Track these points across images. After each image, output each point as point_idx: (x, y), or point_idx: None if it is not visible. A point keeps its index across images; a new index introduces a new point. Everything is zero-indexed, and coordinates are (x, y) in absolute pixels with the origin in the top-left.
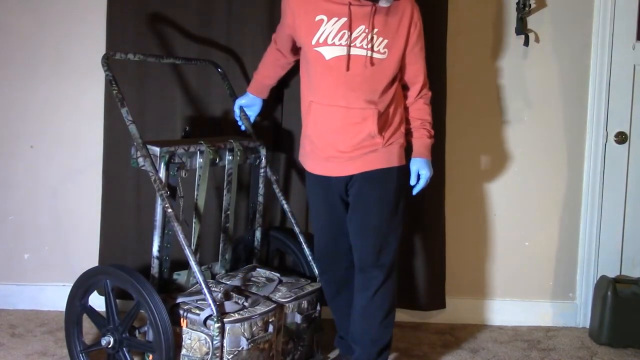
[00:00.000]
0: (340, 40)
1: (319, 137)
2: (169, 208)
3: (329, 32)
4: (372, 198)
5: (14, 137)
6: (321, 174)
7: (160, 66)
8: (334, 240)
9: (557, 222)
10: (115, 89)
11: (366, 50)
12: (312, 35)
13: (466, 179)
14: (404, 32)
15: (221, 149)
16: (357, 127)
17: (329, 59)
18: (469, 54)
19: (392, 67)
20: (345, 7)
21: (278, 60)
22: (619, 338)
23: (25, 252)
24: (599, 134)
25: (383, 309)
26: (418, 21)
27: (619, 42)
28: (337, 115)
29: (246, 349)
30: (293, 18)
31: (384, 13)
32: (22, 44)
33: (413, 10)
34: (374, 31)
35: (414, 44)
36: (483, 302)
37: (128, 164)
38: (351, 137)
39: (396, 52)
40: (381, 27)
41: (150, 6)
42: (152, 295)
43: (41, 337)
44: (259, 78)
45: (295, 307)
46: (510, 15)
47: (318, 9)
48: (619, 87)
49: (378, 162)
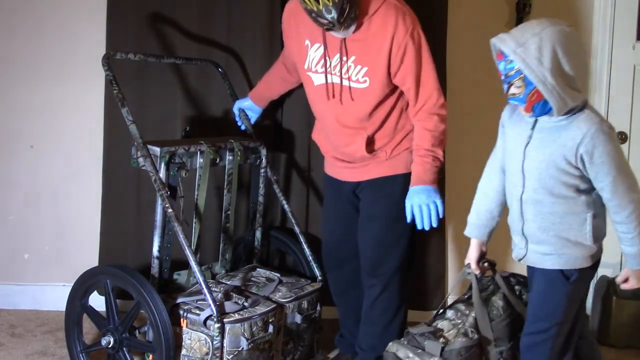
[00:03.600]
0: (322, 67)
1: (325, 149)
2: (169, 208)
3: (312, 57)
4: (375, 205)
5: (14, 137)
6: (332, 175)
7: (160, 66)
8: (340, 241)
9: None
10: (116, 89)
11: (343, 80)
12: (303, 60)
13: (466, 178)
14: (384, 58)
15: (221, 149)
16: (350, 147)
17: (316, 86)
18: (469, 54)
19: (376, 94)
20: (321, 33)
21: (282, 73)
22: (619, 338)
23: (25, 252)
24: None
25: (384, 318)
26: (405, 40)
27: (619, 42)
28: (332, 135)
29: (246, 349)
30: (287, 39)
31: (360, 39)
32: (23, 44)
33: (396, 31)
34: (350, 59)
35: (397, 66)
36: None
37: (128, 164)
38: (348, 155)
39: (379, 80)
40: (359, 54)
41: (150, 6)
42: (152, 295)
43: (41, 337)
44: (261, 87)
45: (295, 307)
46: (510, 15)
47: (305, 33)
48: (619, 87)
49: (383, 170)
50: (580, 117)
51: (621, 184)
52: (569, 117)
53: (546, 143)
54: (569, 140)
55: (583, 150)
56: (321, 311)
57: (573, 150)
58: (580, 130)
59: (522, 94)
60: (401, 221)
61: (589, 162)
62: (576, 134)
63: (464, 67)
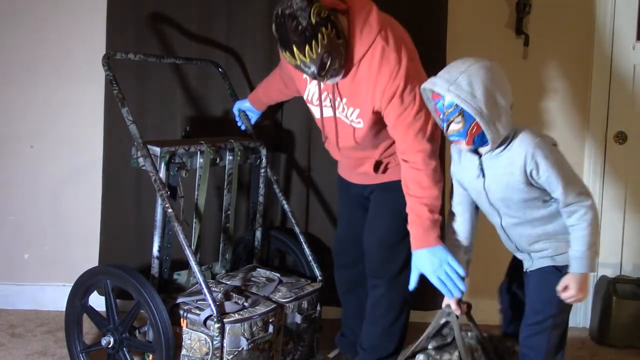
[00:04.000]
0: (323, 102)
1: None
2: (169, 208)
3: (312, 91)
4: (383, 207)
5: (14, 137)
6: (344, 177)
7: (160, 66)
8: (350, 239)
9: None
10: (116, 89)
11: (344, 118)
12: (303, 89)
13: None
14: (371, 104)
15: (221, 149)
16: (360, 168)
17: (317, 118)
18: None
19: (373, 133)
20: None
21: (279, 86)
22: (619, 338)
23: (25, 252)
24: (599, 134)
25: (386, 318)
26: (390, 89)
27: (619, 42)
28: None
29: (246, 349)
30: (285, 64)
31: (350, 82)
32: (23, 44)
33: (378, 79)
34: (343, 101)
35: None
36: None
37: (128, 164)
38: (359, 173)
39: (371, 121)
40: (349, 97)
41: (150, 6)
42: (152, 295)
43: (41, 337)
44: (259, 93)
45: (296, 307)
46: (510, 15)
47: None
48: (619, 87)
49: (395, 175)
50: (515, 142)
51: (572, 191)
52: (507, 146)
53: (499, 176)
54: (516, 167)
55: (529, 169)
56: (321, 311)
57: (523, 173)
58: (520, 155)
59: (462, 128)
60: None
61: (538, 178)
62: (518, 158)
63: None
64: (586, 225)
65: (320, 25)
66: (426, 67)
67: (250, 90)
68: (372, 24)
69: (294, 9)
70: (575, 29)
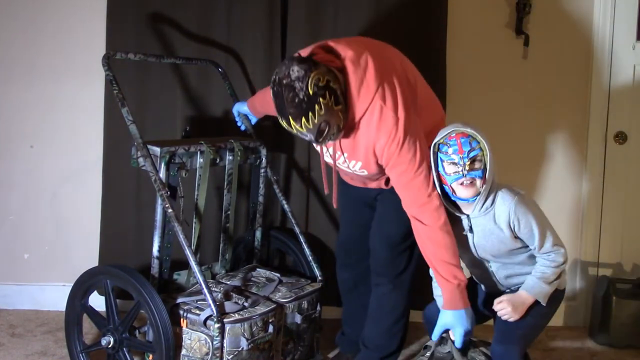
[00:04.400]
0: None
1: None
2: (169, 208)
3: None
4: (391, 207)
5: (14, 137)
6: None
7: (160, 66)
8: (355, 237)
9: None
10: (116, 89)
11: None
12: None
13: None
14: (373, 160)
15: (221, 149)
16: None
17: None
18: (469, 54)
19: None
20: None
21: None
22: (619, 338)
23: (25, 252)
24: (599, 134)
25: (390, 316)
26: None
27: (619, 42)
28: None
29: (246, 349)
30: None
31: (350, 140)
32: (22, 44)
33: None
34: (344, 155)
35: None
36: None
37: (128, 164)
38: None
39: (375, 170)
40: (350, 152)
41: (150, 6)
42: (152, 295)
43: (41, 337)
44: (256, 103)
45: (296, 307)
46: (510, 15)
47: None
48: (619, 87)
49: None
50: (497, 200)
51: (547, 241)
52: (491, 205)
53: (487, 232)
54: (502, 221)
55: (512, 222)
56: (321, 311)
57: (508, 226)
58: (504, 212)
59: (481, 169)
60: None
61: (518, 231)
62: (503, 215)
63: (464, 67)
64: (553, 265)
65: (317, 96)
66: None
67: (250, 90)
68: (370, 83)
69: (292, 78)
70: (575, 29)
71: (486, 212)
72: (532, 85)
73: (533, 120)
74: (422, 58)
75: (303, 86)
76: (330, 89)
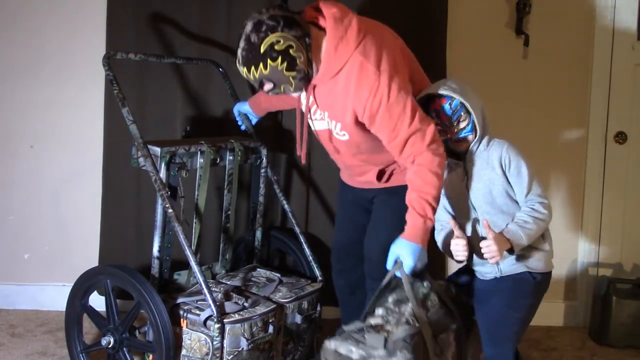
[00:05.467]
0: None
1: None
2: (169, 208)
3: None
4: (387, 211)
5: (14, 137)
6: (348, 183)
7: (160, 66)
8: (350, 245)
9: (558, 222)
10: (116, 89)
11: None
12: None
13: None
14: (352, 118)
15: (222, 149)
16: (364, 176)
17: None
18: (469, 55)
19: (361, 144)
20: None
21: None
22: (619, 338)
23: (26, 252)
24: (599, 134)
25: None
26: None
27: (619, 42)
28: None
29: (246, 349)
30: None
31: (329, 96)
32: (23, 44)
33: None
34: (325, 114)
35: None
36: None
37: (128, 164)
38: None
39: (356, 134)
40: (330, 111)
41: (150, 6)
42: (152, 295)
43: (41, 337)
44: (261, 98)
45: (296, 308)
46: (510, 15)
47: None
48: (619, 87)
49: (398, 181)
50: (493, 144)
51: (534, 189)
52: (487, 146)
53: (480, 172)
54: (494, 160)
55: (503, 161)
56: (321, 311)
57: (500, 166)
58: (497, 152)
59: (469, 124)
60: None
61: (508, 171)
62: (496, 154)
63: (464, 67)
64: (534, 214)
65: (266, 57)
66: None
67: (250, 90)
68: (350, 40)
69: (254, 29)
70: (575, 29)
71: (481, 152)
72: (532, 85)
73: (533, 120)
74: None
75: (257, 41)
76: (287, 55)
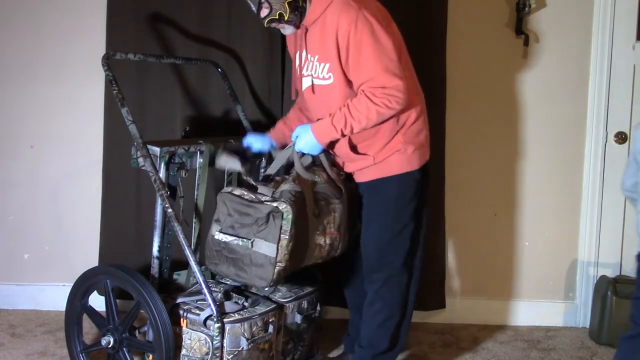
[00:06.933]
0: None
1: None
2: (169, 208)
3: (298, 63)
4: (372, 207)
5: (14, 137)
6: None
7: (160, 66)
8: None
9: (557, 222)
10: (116, 89)
11: (310, 78)
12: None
13: (466, 178)
14: (334, 51)
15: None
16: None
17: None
18: (469, 55)
19: (341, 90)
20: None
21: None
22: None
23: (25, 252)
24: (599, 134)
25: (380, 314)
26: (348, 32)
27: (619, 42)
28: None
29: (246, 349)
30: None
31: (318, 36)
32: (22, 44)
33: (339, 25)
34: (315, 57)
35: (346, 59)
36: (483, 302)
37: (128, 164)
38: (340, 155)
39: (340, 74)
40: (319, 51)
41: (150, 6)
42: (152, 295)
43: (41, 337)
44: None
45: (296, 307)
46: (510, 15)
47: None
48: (619, 87)
49: (376, 173)
50: None
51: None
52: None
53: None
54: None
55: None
56: (321, 311)
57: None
58: None
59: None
60: (399, 221)
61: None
62: None
63: (464, 67)
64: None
65: None
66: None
67: (250, 90)
68: None
69: None
70: (575, 29)
71: None
72: (531, 85)
73: (533, 119)
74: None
75: None
76: None
